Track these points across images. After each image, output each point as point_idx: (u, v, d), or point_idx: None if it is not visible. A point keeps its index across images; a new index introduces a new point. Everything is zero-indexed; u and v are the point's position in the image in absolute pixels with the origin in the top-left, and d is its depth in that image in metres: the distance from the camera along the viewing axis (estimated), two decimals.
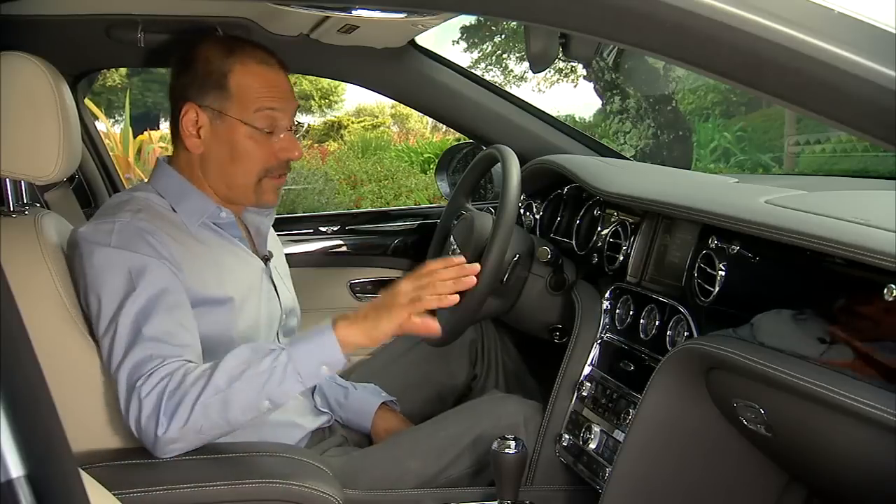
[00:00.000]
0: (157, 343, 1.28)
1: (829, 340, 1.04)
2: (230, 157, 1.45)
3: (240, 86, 1.43)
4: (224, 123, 1.43)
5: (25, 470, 0.54)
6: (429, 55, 2.09)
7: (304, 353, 1.26)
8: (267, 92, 1.44)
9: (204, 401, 1.23)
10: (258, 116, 1.43)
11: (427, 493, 1.50)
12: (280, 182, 1.50)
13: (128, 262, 1.32)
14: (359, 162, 9.19)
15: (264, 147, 1.45)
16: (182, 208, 1.45)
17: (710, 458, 1.32)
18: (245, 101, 1.43)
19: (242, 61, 1.43)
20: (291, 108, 1.48)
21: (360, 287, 2.20)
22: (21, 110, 1.30)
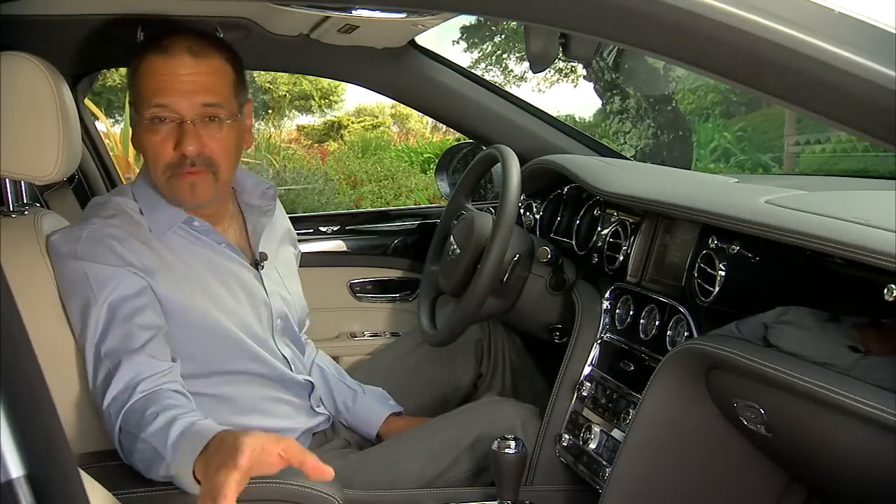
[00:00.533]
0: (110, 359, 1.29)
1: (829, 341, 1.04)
2: (143, 153, 1.42)
3: (139, 77, 1.38)
4: (137, 118, 1.40)
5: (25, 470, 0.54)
6: (429, 55, 2.09)
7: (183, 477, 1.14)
8: (157, 81, 1.36)
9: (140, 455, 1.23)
10: (148, 108, 1.37)
11: (427, 494, 1.50)
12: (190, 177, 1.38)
13: (89, 274, 1.32)
14: (359, 162, 9.19)
15: (162, 142, 1.37)
16: (151, 216, 1.42)
17: (710, 458, 1.32)
18: (139, 94, 1.39)
19: (146, 52, 1.38)
20: (189, 99, 1.36)
21: (360, 287, 2.20)
22: (21, 110, 1.30)
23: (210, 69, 1.38)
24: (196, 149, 1.36)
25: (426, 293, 1.90)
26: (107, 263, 1.33)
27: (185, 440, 1.16)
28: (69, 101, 1.35)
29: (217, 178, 1.41)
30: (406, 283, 2.22)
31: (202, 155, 1.37)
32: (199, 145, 1.37)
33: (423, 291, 1.91)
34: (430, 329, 1.82)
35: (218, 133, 1.39)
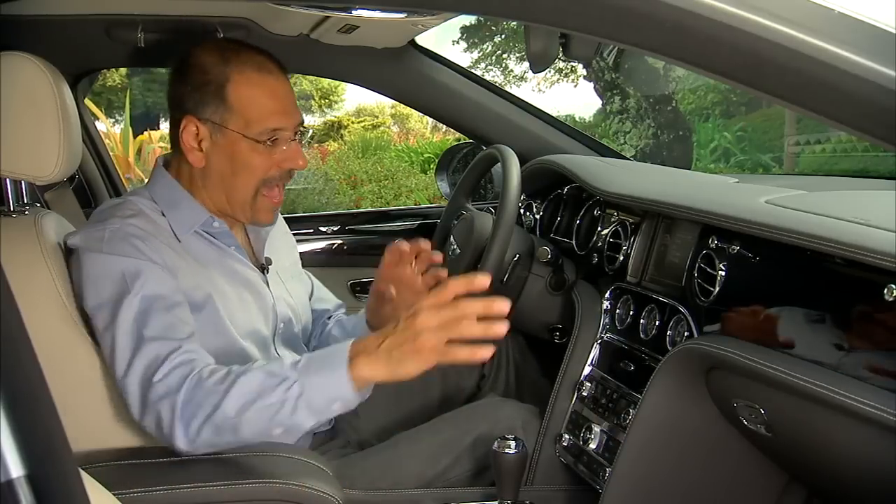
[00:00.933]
0: (158, 342, 1.27)
1: (829, 341, 1.04)
2: (231, 169, 1.41)
3: (239, 98, 1.38)
4: (225, 137, 1.39)
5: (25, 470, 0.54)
6: (429, 55, 2.09)
7: (317, 387, 1.20)
8: (268, 102, 1.39)
9: (215, 422, 1.22)
10: (259, 128, 1.38)
11: (427, 493, 1.51)
12: (276, 199, 1.45)
13: (120, 267, 1.31)
14: (359, 162, 9.18)
15: (266, 159, 1.40)
16: (172, 216, 1.42)
17: (710, 458, 1.32)
18: (246, 114, 1.38)
19: (240, 70, 1.38)
20: (294, 116, 1.42)
21: (360, 287, 2.20)
22: (21, 110, 1.30)
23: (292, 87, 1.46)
24: (304, 162, 1.45)
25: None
26: (135, 258, 1.33)
27: (312, 356, 1.23)
28: (69, 101, 1.35)
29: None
30: None
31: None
32: (305, 160, 1.45)
33: None
34: None
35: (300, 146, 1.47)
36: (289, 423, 1.21)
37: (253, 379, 1.22)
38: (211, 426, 1.23)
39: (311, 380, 1.20)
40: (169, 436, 1.25)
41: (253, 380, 1.22)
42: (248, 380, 1.22)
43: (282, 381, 1.20)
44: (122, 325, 1.29)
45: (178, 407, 1.23)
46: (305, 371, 1.21)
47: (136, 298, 1.30)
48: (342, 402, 1.21)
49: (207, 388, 1.23)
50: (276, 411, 1.20)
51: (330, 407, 1.21)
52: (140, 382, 1.27)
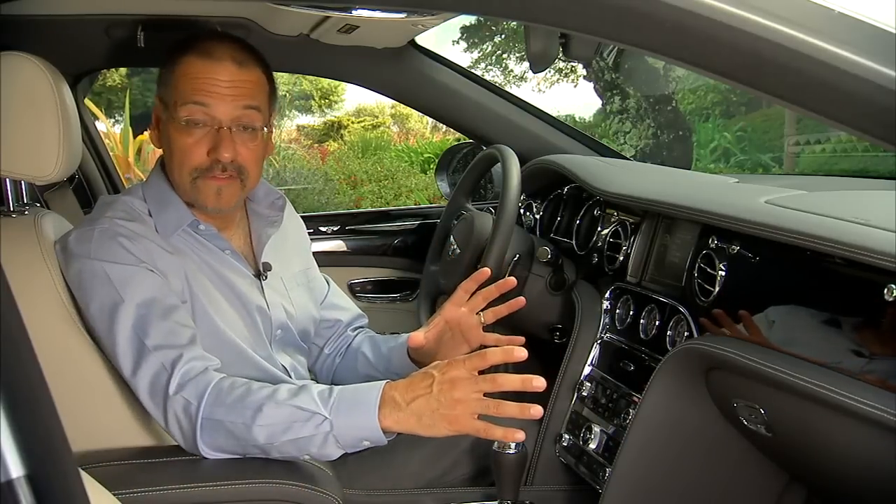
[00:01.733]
0: (162, 351, 1.27)
1: (829, 341, 1.04)
2: (169, 152, 1.42)
3: (177, 78, 1.38)
4: (166, 116, 1.41)
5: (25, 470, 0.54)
6: (429, 55, 2.09)
7: (347, 427, 1.20)
8: (197, 84, 1.36)
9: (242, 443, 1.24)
10: (184, 109, 1.37)
11: (427, 494, 1.51)
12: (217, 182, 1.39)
13: (109, 274, 1.31)
14: (359, 162, 9.19)
15: (195, 144, 1.38)
16: (158, 217, 1.41)
17: (710, 458, 1.32)
18: (178, 94, 1.38)
19: (188, 53, 1.39)
20: (229, 104, 1.37)
21: (360, 287, 2.20)
22: (21, 110, 1.30)
23: (250, 79, 1.40)
24: (231, 155, 1.37)
25: (426, 293, 1.90)
26: (124, 262, 1.32)
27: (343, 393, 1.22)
28: (69, 101, 1.35)
29: (244, 186, 1.43)
30: (406, 283, 2.22)
31: (235, 162, 1.39)
32: (233, 152, 1.38)
33: (423, 291, 1.91)
34: None
35: (251, 142, 1.41)
36: (318, 453, 1.23)
37: (282, 411, 1.21)
38: (238, 445, 1.24)
39: (342, 420, 1.20)
40: (192, 447, 1.27)
41: (282, 412, 1.21)
42: (277, 411, 1.21)
43: (312, 416, 1.20)
44: (122, 332, 1.29)
45: (198, 424, 1.24)
46: (336, 411, 1.20)
47: (130, 306, 1.29)
48: (371, 441, 1.22)
49: (228, 406, 1.23)
50: (306, 444, 1.21)
51: (360, 444, 1.23)
52: (150, 393, 1.28)
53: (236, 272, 1.47)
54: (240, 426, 1.22)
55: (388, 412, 1.18)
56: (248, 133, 1.40)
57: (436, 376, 1.17)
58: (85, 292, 1.32)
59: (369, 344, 1.66)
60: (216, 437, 1.24)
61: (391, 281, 2.22)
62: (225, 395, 1.24)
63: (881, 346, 1.00)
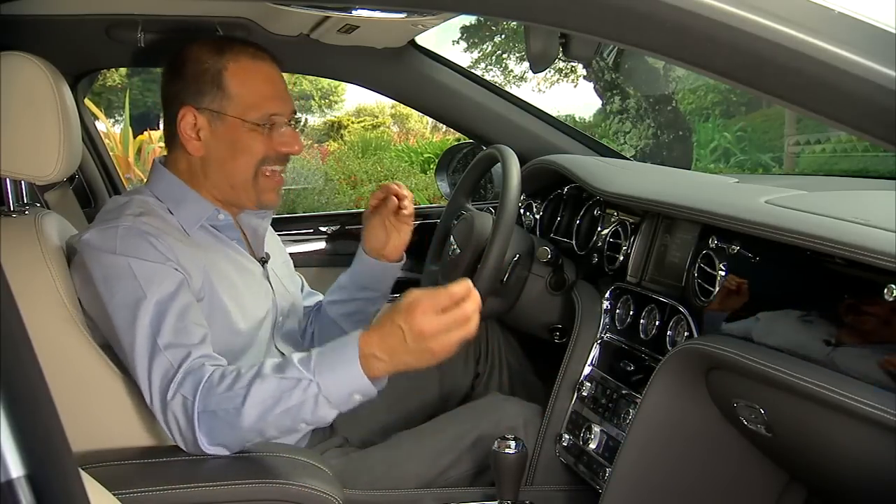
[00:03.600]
0: (172, 350, 1.28)
1: (829, 341, 1.04)
2: (231, 154, 1.44)
3: (237, 84, 1.42)
4: (224, 123, 1.42)
5: (25, 470, 0.54)
6: (429, 55, 2.09)
7: (333, 384, 1.22)
8: (264, 87, 1.43)
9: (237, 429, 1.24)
10: (257, 113, 1.42)
11: (427, 494, 1.51)
12: (278, 179, 1.48)
13: (134, 269, 1.32)
14: (359, 162, 9.19)
15: (264, 142, 1.44)
16: (180, 212, 1.44)
17: (710, 458, 1.32)
18: (243, 98, 1.42)
19: (235, 58, 1.42)
20: (289, 102, 1.47)
21: None
22: (21, 110, 1.30)
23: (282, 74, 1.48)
24: (300, 147, 1.48)
25: None
26: (149, 259, 1.33)
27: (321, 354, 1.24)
28: (69, 101, 1.35)
29: None
30: (406, 283, 2.21)
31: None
32: (300, 144, 1.48)
33: None
34: None
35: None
36: (312, 419, 1.24)
37: (268, 385, 1.22)
38: (234, 432, 1.24)
39: (326, 377, 1.21)
40: (193, 445, 1.27)
41: (268, 386, 1.22)
42: (263, 387, 1.22)
43: (297, 383, 1.21)
44: (141, 331, 1.29)
45: (195, 418, 1.24)
46: (319, 370, 1.22)
47: (151, 303, 1.30)
48: (362, 394, 1.23)
49: (220, 395, 1.24)
50: (298, 411, 1.22)
51: (351, 398, 1.23)
52: (158, 392, 1.28)
53: (248, 261, 1.51)
54: (231, 411, 1.23)
55: (372, 365, 1.21)
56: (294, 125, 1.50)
57: (404, 329, 1.19)
58: (106, 289, 1.32)
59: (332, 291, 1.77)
60: (213, 429, 1.25)
61: None
62: (216, 385, 1.25)
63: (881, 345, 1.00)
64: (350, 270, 1.75)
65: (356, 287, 1.73)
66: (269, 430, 1.24)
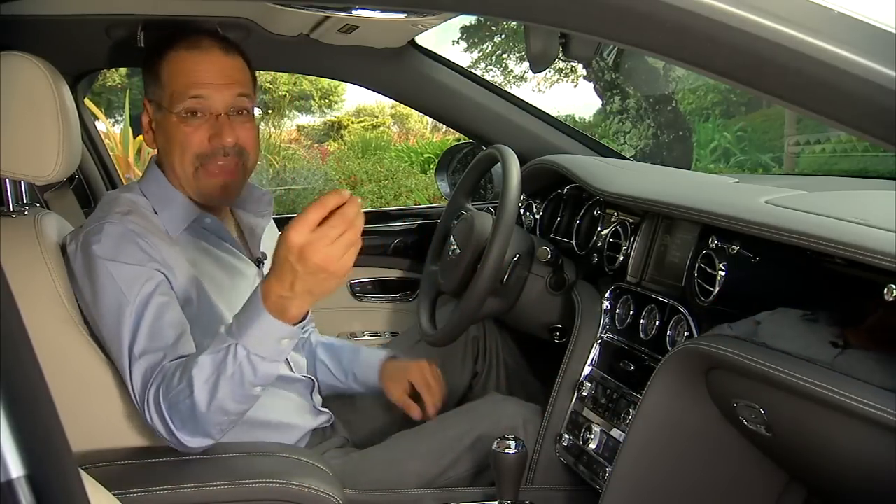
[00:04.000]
0: (150, 355, 1.29)
1: (829, 341, 1.04)
2: (170, 147, 1.43)
3: (168, 74, 1.42)
4: (161, 114, 1.43)
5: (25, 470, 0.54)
6: (429, 55, 2.09)
7: (257, 339, 1.20)
8: (190, 76, 1.41)
9: (201, 416, 1.24)
10: (182, 102, 1.40)
11: (427, 493, 1.51)
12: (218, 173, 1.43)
13: (114, 274, 1.32)
14: (359, 162, 9.19)
15: (194, 134, 1.41)
16: (164, 214, 1.43)
17: (710, 458, 1.32)
18: (172, 89, 1.41)
19: (174, 48, 1.42)
20: (224, 91, 1.41)
21: (360, 287, 2.20)
22: (21, 110, 1.30)
23: (237, 65, 1.45)
24: (233, 139, 1.42)
25: (426, 293, 1.90)
26: (131, 262, 1.33)
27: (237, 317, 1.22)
28: (69, 101, 1.35)
29: (245, 169, 1.47)
30: (406, 283, 2.22)
31: (236, 145, 1.43)
32: (235, 136, 1.43)
33: (423, 291, 1.91)
34: (430, 329, 1.82)
35: (248, 123, 1.45)
36: (257, 379, 1.22)
37: (204, 364, 1.22)
38: (201, 419, 1.24)
39: (247, 336, 1.20)
40: (178, 444, 1.27)
41: (204, 364, 1.22)
42: (200, 366, 1.22)
43: (227, 351, 1.21)
44: (125, 337, 1.30)
45: (166, 416, 1.25)
46: (239, 332, 1.21)
47: (134, 308, 1.31)
48: (289, 339, 1.21)
49: (175, 389, 1.24)
50: (241, 377, 1.21)
51: (280, 347, 1.21)
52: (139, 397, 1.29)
53: (240, 262, 1.50)
54: (188, 402, 1.23)
55: (282, 307, 1.17)
56: (243, 116, 1.45)
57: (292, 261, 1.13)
58: (93, 290, 1.33)
59: (326, 352, 1.72)
60: (184, 423, 1.25)
61: (391, 281, 2.22)
62: (170, 381, 1.25)
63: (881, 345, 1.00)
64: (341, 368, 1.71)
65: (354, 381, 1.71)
66: (227, 404, 1.23)
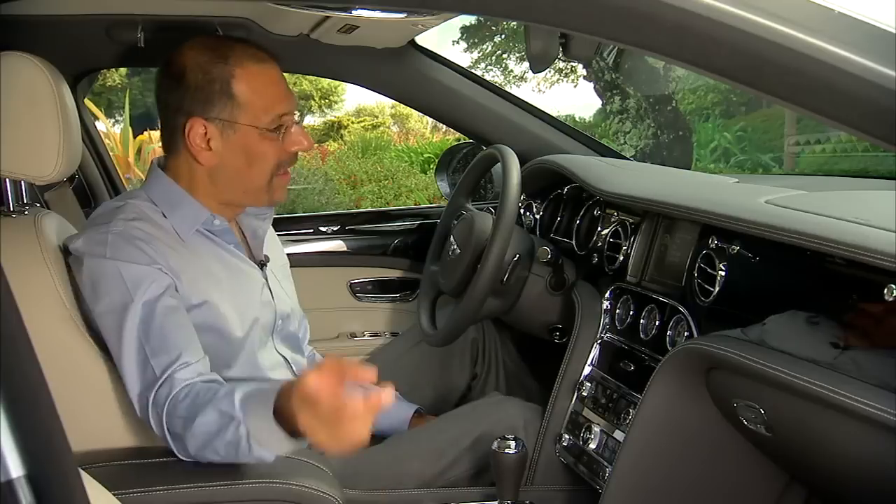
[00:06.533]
0: (158, 357, 1.28)
1: (829, 341, 1.04)
2: (247, 162, 1.42)
3: (246, 90, 1.39)
4: (236, 132, 1.40)
5: (25, 470, 0.54)
6: (429, 55, 2.09)
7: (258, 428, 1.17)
8: (272, 90, 1.42)
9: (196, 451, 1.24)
10: (269, 118, 1.40)
11: (427, 493, 1.51)
12: (287, 178, 1.48)
13: (123, 273, 1.32)
14: (359, 162, 9.19)
15: (277, 145, 1.43)
16: (174, 217, 1.42)
17: (710, 458, 1.32)
18: (254, 105, 1.40)
19: (241, 63, 1.40)
20: (293, 100, 1.46)
21: (360, 287, 2.20)
22: (21, 110, 1.30)
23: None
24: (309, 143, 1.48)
25: (426, 293, 1.90)
26: (139, 263, 1.33)
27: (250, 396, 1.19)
28: (69, 101, 1.35)
29: None
30: (406, 283, 2.22)
31: None
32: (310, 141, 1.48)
33: (423, 291, 1.91)
34: (430, 329, 1.82)
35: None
36: (251, 457, 1.20)
37: (209, 418, 1.21)
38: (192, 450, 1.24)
39: (252, 422, 1.17)
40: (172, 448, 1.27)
41: (209, 419, 1.21)
42: (206, 418, 1.21)
43: (231, 420, 1.19)
44: (128, 337, 1.29)
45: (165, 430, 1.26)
46: (244, 411, 1.18)
47: (138, 307, 1.30)
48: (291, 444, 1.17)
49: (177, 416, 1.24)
50: (236, 447, 1.19)
51: (281, 445, 1.18)
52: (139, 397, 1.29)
53: (245, 264, 1.50)
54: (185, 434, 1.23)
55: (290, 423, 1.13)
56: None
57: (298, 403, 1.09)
58: (95, 291, 1.33)
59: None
60: (177, 442, 1.26)
61: (391, 281, 2.22)
62: (178, 404, 1.25)
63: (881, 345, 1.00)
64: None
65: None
66: (217, 456, 1.22)
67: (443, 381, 1.86)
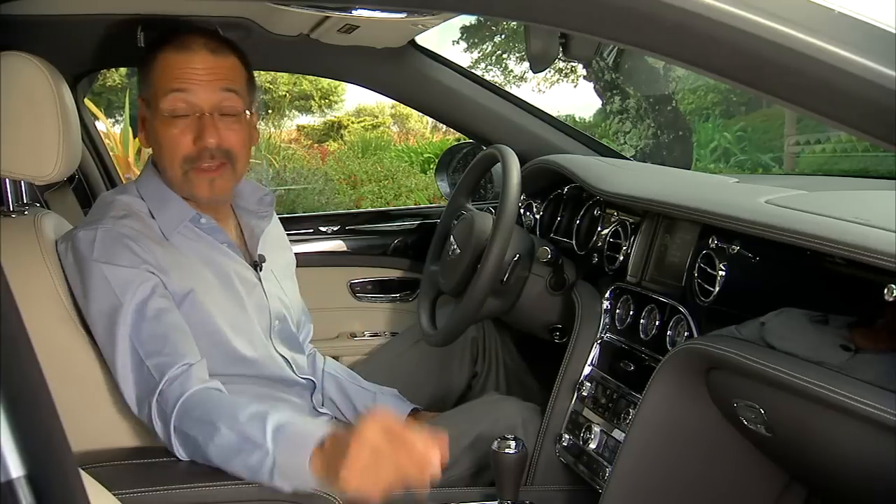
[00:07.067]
0: (156, 358, 1.28)
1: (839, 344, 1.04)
2: (158, 147, 1.43)
3: (155, 72, 1.41)
4: (150, 113, 1.43)
5: (25, 470, 0.54)
6: (429, 55, 2.09)
7: (288, 466, 1.14)
8: (175, 74, 1.39)
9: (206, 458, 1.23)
10: (165, 101, 1.38)
11: (426, 493, 1.50)
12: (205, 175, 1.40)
13: (108, 276, 1.31)
14: (359, 162, 9.19)
15: (180, 135, 1.39)
16: (161, 215, 1.42)
17: (710, 458, 1.32)
18: (158, 87, 1.40)
19: (163, 49, 1.41)
20: (208, 90, 1.39)
21: (360, 287, 2.20)
22: (21, 110, 1.30)
23: (226, 64, 1.42)
24: (216, 141, 1.39)
25: (426, 293, 1.90)
26: (125, 265, 1.32)
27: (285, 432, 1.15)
28: (69, 101, 1.35)
29: (235, 171, 1.44)
30: (406, 283, 2.22)
31: (221, 147, 1.40)
32: (218, 137, 1.39)
33: (423, 291, 1.91)
34: (430, 329, 1.82)
35: (235, 125, 1.42)
36: (270, 483, 1.18)
37: (232, 438, 1.18)
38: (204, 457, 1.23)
39: (285, 457, 1.15)
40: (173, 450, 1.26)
41: (232, 439, 1.18)
42: (229, 437, 1.18)
43: (257, 448, 1.16)
44: (121, 340, 1.29)
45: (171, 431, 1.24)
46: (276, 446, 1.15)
47: (129, 309, 1.30)
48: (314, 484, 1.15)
49: (193, 420, 1.23)
50: (255, 473, 1.17)
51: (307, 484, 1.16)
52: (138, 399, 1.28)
53: (236, 264, 1.48)
54: (200, 442, 1.21)
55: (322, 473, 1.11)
56: (231, 117, 1.42)
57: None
58: (86, 294, 1.33)
59: (334, 384, 1.68)
60: (186, 446, 1.24)
61: (391, 281, 2.22)
62: (192, 409, 1.23)
63: (874, 343, 1.00)
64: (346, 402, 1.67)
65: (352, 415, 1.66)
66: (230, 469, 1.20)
67: (442, 381, 1.85)
